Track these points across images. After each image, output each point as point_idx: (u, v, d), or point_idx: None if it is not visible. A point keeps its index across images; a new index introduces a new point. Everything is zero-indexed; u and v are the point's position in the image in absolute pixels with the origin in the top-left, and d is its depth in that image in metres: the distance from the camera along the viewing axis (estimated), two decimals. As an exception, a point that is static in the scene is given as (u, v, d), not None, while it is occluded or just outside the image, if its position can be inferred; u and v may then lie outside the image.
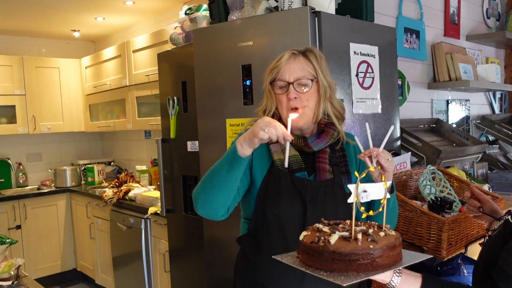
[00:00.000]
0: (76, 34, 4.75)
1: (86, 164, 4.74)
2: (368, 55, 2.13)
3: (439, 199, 1.77)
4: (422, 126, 2.81)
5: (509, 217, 1.21)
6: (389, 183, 1.18)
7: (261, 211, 1.39)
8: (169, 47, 3.00)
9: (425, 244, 1.70)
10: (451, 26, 3.05)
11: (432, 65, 2.93)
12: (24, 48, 4.76)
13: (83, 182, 4.69)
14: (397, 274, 1.06)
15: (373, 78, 2.15)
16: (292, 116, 1.28)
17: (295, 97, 1.36)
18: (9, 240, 1.82)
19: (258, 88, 2.01)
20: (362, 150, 1.23)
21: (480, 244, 1.34)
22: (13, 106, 4.38)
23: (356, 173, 1.06)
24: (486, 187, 2.61)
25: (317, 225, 1.09)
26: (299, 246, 1.06)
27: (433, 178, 2.05)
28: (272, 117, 1.41)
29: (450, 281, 1.15)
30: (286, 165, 1.27)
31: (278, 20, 1.98)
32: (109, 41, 4.93)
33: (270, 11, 2.11)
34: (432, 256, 1.16)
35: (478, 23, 3.37)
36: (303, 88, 1.37)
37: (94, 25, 4.44)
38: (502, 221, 1.25)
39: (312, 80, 1.38)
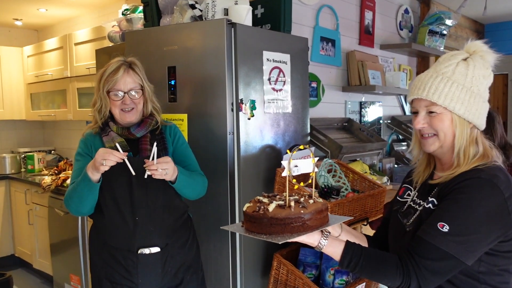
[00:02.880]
0: (19, 23, 4.79)
1: (26, 152, 4.81)
2: (280, 61, 2.44)
3: (327, 186, 2.12)
4: (336, 124, 3.17)
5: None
6: (167, 178, 1.70)
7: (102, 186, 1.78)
8: (108, 43, 3.20)
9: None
10: (366, 36, 3.44)
11: (346, 70, 3.30)
12: (-37, 35, 4.75)
13: (23, 169, 4.76)
14: (324, 238, 1.22)
15: (284, 81, 2.47)
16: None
17: (130, 102, 1.81)
18: None
19: (181, 87, 2.28)
20: (150, 160, 1.66)
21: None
22: (-49, 93, 4.39)
23: (288, 150, 1.34)
24: (385, 179, 3.02)
25: (258, 197, 1.28)
26: (243, 217, 1.24)
27: (331, 170, 2.41)
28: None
29: (370, 248, 1.29)
30: (133, 173, 1.67)
31: (200, 28, 2.25)
32: (53, 31, 5.00)
33: (195, 20, 2.37)
34: (352, 217, 1.45)
35: (391, 33, 3.78)
36: (134, 94, 1.82)
37: (37, 15, 4.52)
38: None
39: (140, 89, 1.84)
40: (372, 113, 3.63)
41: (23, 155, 4.79)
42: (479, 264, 1.19)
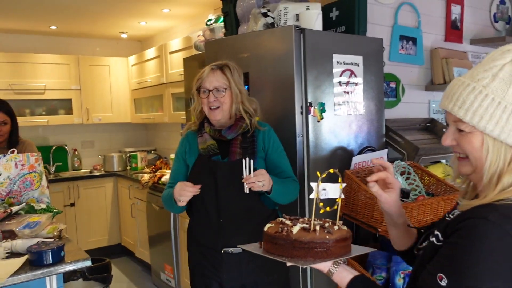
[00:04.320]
0: (124, 36, 5.34)
1: (131, 152, 5.34)
2: (352, 63, 2.45)
3: (396, 189, 2.09)
4: (418, 125, 3.07)
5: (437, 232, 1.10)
6: (265, 189, 1.79)
7: None
8: (196, 51, 3.45)
9: (379, 226, 2.04)
10: (452, 31, 3.27)
11: (430, 69, 3.17)
12: (80, 48, 5.41)
13: (128, 167, 5.29)
14: (335, 265, 1.14)
15: (356, 83, 2.47)
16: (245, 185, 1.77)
17: (214, 100, 1.89)
18: (55, 210, 2.34)
19: (253, 92, 2.40)
20: (245, 175, 1.75)
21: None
22: (70, 100, 5.04)
23: (318, 173, 1.27)
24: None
25: (280, 218, 1.26)
26: (263, 237, 1.21)
27: (404, 173, 2.36)
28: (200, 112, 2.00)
29: (377, 285, 1.18)
30: (246, 191, 1.79)
31: (270, 36, 2.35)
32: (153, 41, 5.47)
33: (267, 27, 2.48)
34: (375, 249, 1.35)
35: (485, 27, 3.53)
36: (219, 93, 1.91)
37: (139, 28, 4.99)
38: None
39: (225, 89, 1.91)
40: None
41: (128, 155, 5.31)
42: None
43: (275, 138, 2.02)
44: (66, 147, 5.25)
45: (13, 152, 2.37)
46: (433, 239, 1.08)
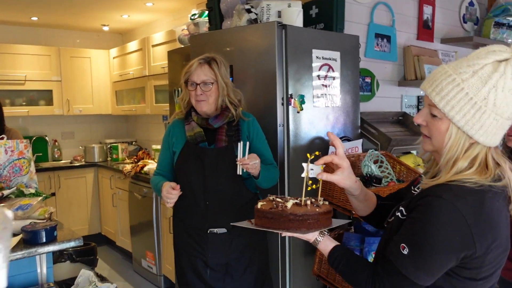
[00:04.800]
0: (106, 28, 5.37)
1: (111, 143, 5.39)
2: (330, 59, 2.61)
3: (368, 175, 2.26)
4: (391, 118, 3.26)
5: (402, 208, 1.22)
6: (254, 172, 1.94)
7: (177, 172, 2.12)
8: (179, 45, 3.55)
9: (353, 209, 2.20)
10: (424, 30, 3.46)
11: (403, 65, 3.36)
12: (60, 40, 5.42)
13: (109, 158, 5.34)
14: (321, 236, 1.30)
15: (333, 77, 2.63)
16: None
17: (201, 93, 2.00)
18: (44, 195, 2.42)
19: (237, 84, 2.51)
20: (239, 157, 1.89)
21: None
22: (51, 91, 5.06)
23: (308, 154, 1.38)
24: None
25: (270, 197, 1.39)
26: (256, 213, 1.33)
27: (377, 161, 2.54)
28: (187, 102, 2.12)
29: (354, 255, 1.31)
30: (239, 172, 1.93)
31: (253, 31, 2.48)
32: (135, 34, 5.52)
33: (251, 22, 2.61)
34: (350, 220, 1.48)
35: (454, 27, 3.75)
36: (206, 86, 2.02)
37: (121, 21, 5.04)
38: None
39: (212, 83, 2.02)
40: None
41: (109, 146, 5.36)
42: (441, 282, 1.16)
43: (259, 127, 2.16)
44: (46, 137, 5.26)
45: (1, 139, 2.44)
46: (398, 214, 1.23)
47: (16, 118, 5.05)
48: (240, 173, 1.91)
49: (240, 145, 1.89)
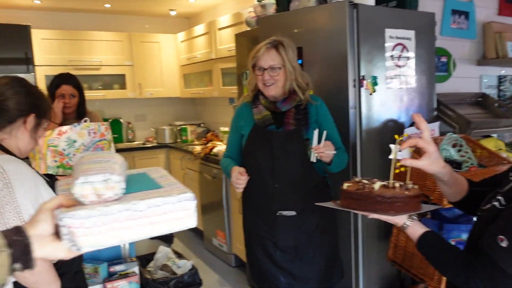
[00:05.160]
0: (173, 13, 5.50)
1: (181, 125, 5.56)
2: (404, 38, 2.50)
3: (447, 159, 2.17)
4: (469, 99, 3.08)
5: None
6: (328, 160, 1.92)
7: (245, 155, 2.14)
8: (246, 27, 3.57)
9: (431, 194, 2.13)
10: (507, 5, 3.22)
11: (482, 43, 3.16)
12: (131, 26, 5.62)
13: (178, 140, 5.52)
14: (410, 220, 1.26)
15: (408, 57, 2.53)
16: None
17: (269, 78, 1.99)
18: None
19: (307, 66, 2.50)
20: (315, 144, 1.88)
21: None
22: (123, 75, 5.29)
23: (396, 136, 1.30)
24: (521, 155, 2.86)
25: (356, 178, 1.35)
26: (342, 194, 1.30)
27: (455, 145, 2.42)
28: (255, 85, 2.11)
29: (447, 242, 1.26)
30: (314, 160, 1.94)
31: (323, 11, 2.44)
32: (201, 18, 5.61)
33: (320, 3, 2.56)
34: (441, 206, 1.45)
35: (542, -2, 3.45)
36: (274, 71, 2.01)
37: (187, 5, 5.13)
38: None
39: (280, 68, 2.01)
40: (514, 86, 3.40)
41: (178, 128, 5.54)
42: None
43: (327, 111, 2.14)
44: (121, 120, 5.54)
45: (85, 121, 2.60)
46: (496, 203, 1.17)
47: (93, 102, 5.34)
48: (314, 161, 1.90)
49: (315, 132, 1.88)
